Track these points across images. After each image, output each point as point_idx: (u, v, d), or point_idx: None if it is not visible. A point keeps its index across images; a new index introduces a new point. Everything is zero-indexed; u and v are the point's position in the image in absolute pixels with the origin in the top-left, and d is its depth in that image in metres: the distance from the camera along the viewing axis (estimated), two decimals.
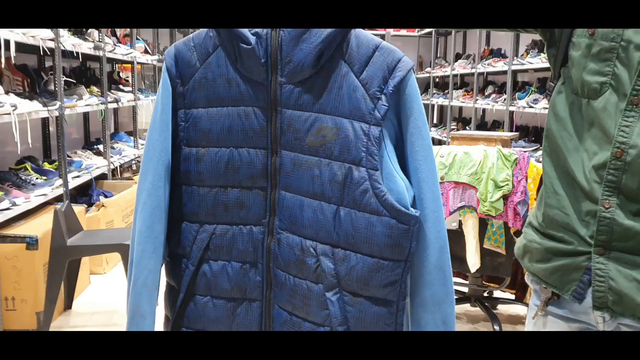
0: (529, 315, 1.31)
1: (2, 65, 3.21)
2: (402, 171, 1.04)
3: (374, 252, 1.02)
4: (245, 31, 1.03)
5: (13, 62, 3.54)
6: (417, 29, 8.61)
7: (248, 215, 1.11)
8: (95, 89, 4.38)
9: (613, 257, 1.09)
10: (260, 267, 1.12)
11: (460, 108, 8.10)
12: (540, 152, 5.06)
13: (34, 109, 3.20)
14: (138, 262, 1.10)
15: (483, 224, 2.87)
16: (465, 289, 3.23)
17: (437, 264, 1.03)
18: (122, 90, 5.01)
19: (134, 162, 5.24)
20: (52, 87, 3.66)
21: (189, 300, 1.16)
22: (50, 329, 2.99)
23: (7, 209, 3.03)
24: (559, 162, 1.17)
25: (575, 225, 1.13)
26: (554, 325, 1.24)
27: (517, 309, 3.38)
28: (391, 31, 8.04)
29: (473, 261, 2.81)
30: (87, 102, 4.01)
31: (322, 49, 1.01)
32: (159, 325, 1.19)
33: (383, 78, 1.00)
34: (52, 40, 3.42)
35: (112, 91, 4.75)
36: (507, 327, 3.10)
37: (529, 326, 1.32)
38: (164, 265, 1.18)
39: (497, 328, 2.93)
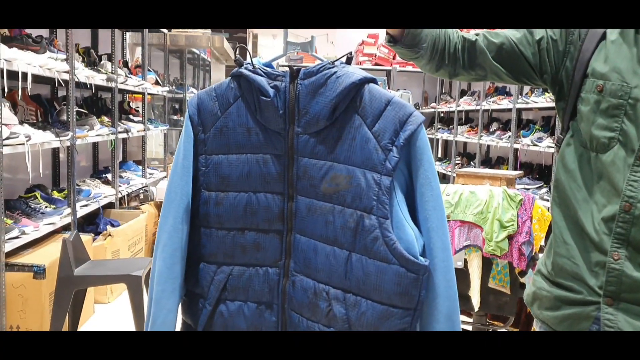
0: None
1: (19, 97, 3.28)
2: (412, 220, 1.08)
3: (383, 299, 1.05)
4: (265, 84, 1.08)
5: (28, 92, 3.61)
6: None
7: (265, 257, 1.15)
8: (106, 119, 4.44)
9: (622, 308, 1.11)
10: (275, 307, 1.15)
11: (465, 143, 8.15)
12: (544, 190, 5.09)
13: (46, 139, 3.25)
14: (157, 301, 1.13)
15: (488, 263, 2.88)
16: (470, 327, 3.22)
17: (447, 314, 1.06)
18: (132, 120, 5.08)
19: (141, 191, 5.28)
20: (64, 117, 3.72)
21: None
22: None
23: (16, 237, 3.06)
24: (569, 213, 1.19)
25: (584, 275, 1.15)
26: None
27: None
28: (397, 67, 8.15)
29: (477, 300, 2.82)
30: (98, 132, 4.07)
31: (337, 103, 1.06)
32: None
33: (394, 131, 1.04)
34: (66, 72, 3.50)
35: (122, 121, 4.82)
36: None
37: None
38: (180, 304, 1.20)
39: None
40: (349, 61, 1.12)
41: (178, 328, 1.20)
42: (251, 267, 1.16)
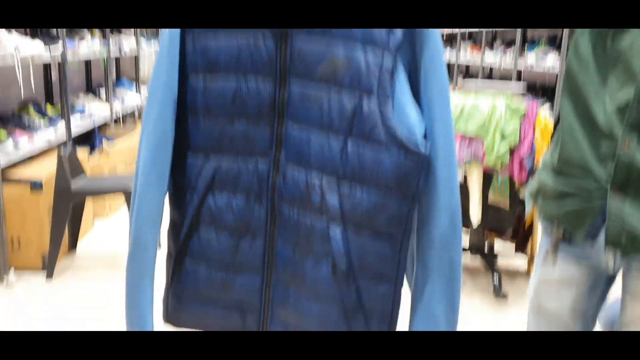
0: (537, 257, 1.31)
1: None
2: (414, 105, 1.02)
3: (380, 188, 1.00)
4: None
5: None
6: None
7: (254, 148, 1.09)
8: (96, 31, 4.30)
9: (629, 197, 1.08)
10: (264, 202, 1.10)
11: (467, 67, 7.98)
12: (547, 105, 5.01)
13: (36, 49, 3.15)
14: (141, 193, 1.09)
15: (488, 178, 2.85)
16: (466, 241, 3.24)
17: (447, 204, 1.02)
18: (124, 34, 4.93)
19: (136, 109, 5.20)
20: (53, 30, 3.60)
21: (193, 234, 1.15)
22: (55, 270, 3.02)
23: (11, 150, 3.03)
24: (579, 102, 1.15)
25: (592, 166, 1.12)
26: (564, 265, 1.24)
27: (517, 263, 3.41)
28: None
29: (476, 214, 2.82)
30: (89, 44, 3.95)
31: None
32: (161, 261, 1.20)
33: None
34: None
35: (114, 34, 4.66)
36: (506, 279, 3.13)
37: (537, 267, 1.32)
38: (167, 200, 1.16)
39: (496, 280, 2.96)
40: None
41: (165, 223, 1.17)
42: (240, 159, 1.10)
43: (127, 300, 1.13)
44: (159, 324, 1.18)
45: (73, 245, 3.39)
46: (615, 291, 1.32)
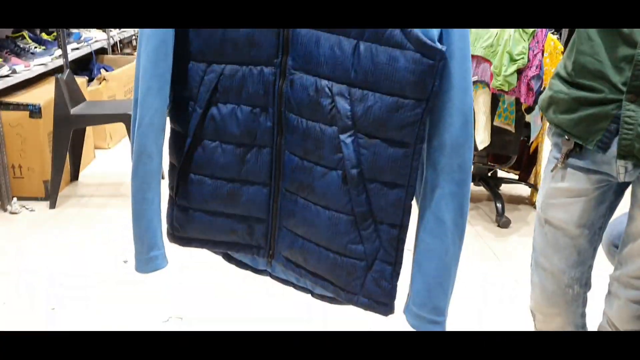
0: (546, 169, 1.29)
1: None
2: None
3: (394, 90, 0.97)
4: None
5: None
6: None
7: (259, 53, 1.04)
8: None
9: None
10: (270, 111, 1.07)
11: None
12: (556, 36, 4.88)
13: None
14: (143, 100, 1.05)
15: (494, 101, 2.80)
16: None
17: (460, 107, 0.98)
18: None
19: (134, 37, 5.08)
20: None
21: (197, 145, 1.12)
22: (58, 198, 3.03)
23: (7, 76, 2.96)
24: None
25: (608, 72, 1.08)
26: (573, 177, 1.22)
27: (520, 189, 3.41)
28: None
29: (482, 138, 2.78)
30: None
31: None
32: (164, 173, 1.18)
33: None
34: None
35: None
36: (509, 206, 3.14)
37: (545, 180, 1.30)
38: (168, 110, 1.13)
39: (499, 206, 2.96)
40: None
41: (167, 136, 1.14)
42: (244, 66, 1.06)
43: (134, 213, 1.12)
44: (168, 246, 1.18)
45: (75, 176, 3.38)
46: (621, 207, 1.31)
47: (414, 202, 1.05)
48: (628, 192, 1.27)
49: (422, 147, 1.01)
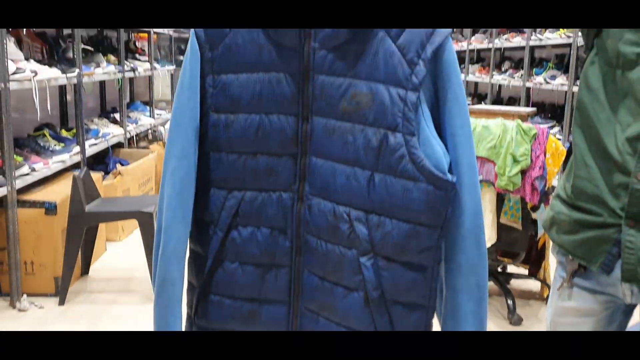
0: (553, 286, 1.32)
1: (24, 34, 3.21)
2: (438, 137, 1.04)
3: (410, 218, 1.02)
4: None
5: (32, 29, 3.53)
6: None
7: (278, 181, 1.11)
8: (112, 57, 4.37)
9: None
10: (289, 232, 1.12)
11: (476, 84, 8.02)
12: (556, 129, 5.02)
13: (53, 75, 3.20)
14: (167, 228, 1.10)
15: (500, 199, 2.86)
16: None
17: (472, 230, 1.04)
18: (139, 60, 5.00)
19: (150, 131, 5.25)
20: (70, 54, 3.66)
21: (217, 267, 1.16)
22: (68, 294, 3.04)
23: (27, 174, 3.06)
24: (591, 134, 1.16)
25: (605, 197, 1.13)
26: (579, 297, 1.24)
27: (531, 285, 3.39)
28: None
29: (489, 235, 2.82)
30: (104, 70, 4.01)
31: None
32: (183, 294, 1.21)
33: (421, 43, 0.99)
34: None
35: (128, 60, 4.74)
36: (520, 302, 3.12)
37: (553, 298, 1.32)
38: (189, 232, 1.18)
39: (510, 302, 2.95)
40: None
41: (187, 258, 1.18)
42: (264, 192, 1.12)
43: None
44: None
45: (86, 270, 3.41)
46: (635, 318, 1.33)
47: (435, 319, 1.09)
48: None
49: (440, 268, 1.06)
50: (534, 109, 4.17)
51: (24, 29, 3.10)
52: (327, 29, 1.03)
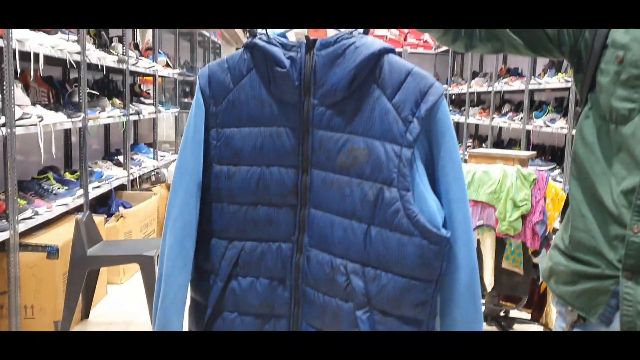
0: None
1: (31, 79, 3.28)
2: (432, 192, 1.06)
3: (405, 272, 1.04)
4: (280, 54, 1.06)
5: (40, 74, 3.61)
6: (434, 47, 8.65)
7: (277, 232, 1.13)
8: (117, 100, 4.44)
9: None
10: (288, 283, 1.14)
11: (477, 126, 8.10)
12: (557, 172, 5.04)
13: (59, 120, 3.26)
14: (168, 277, 1.12)
15: (501, 244, 2.87)
16: (482, 308, 3.22)
17: (467, 285, 1.05)
18: (143, 103, 5.08)
19: (153, 173, 5.29)
20: (76, 98, 3.72)
21: (217, 316, 1.17)
22: None
23: (30, 218, 3.08)
24: (587, 186, 1.18)
25: (602, 249, 1.14)
26: None
27: (533, 329, 3.36)
28: (408, 49, 8.08)
29: (489, 280, 2.81)
30: (109, 113, 4.08)
31: (355, 74, 1.04)
32: None
33: (415, 102, 1.02)
34: (78, 53, 3.49)
35: (133, 103, 4.81)
36: None
37: None
38: (190, 281, 1.19)
39: None
40: (366, 32, 1.09)
41: (187, 306, 1.19)
42: (264, 243, 1.14)
43: None
44: None
45: (86, 314, 3.39)
46: None
47: None
48: None
49: (435, 323, 1.07)
50: (534, 152, 4.21)
51: (32, 76, 3.17)
52: (325, 88, 1.06)
